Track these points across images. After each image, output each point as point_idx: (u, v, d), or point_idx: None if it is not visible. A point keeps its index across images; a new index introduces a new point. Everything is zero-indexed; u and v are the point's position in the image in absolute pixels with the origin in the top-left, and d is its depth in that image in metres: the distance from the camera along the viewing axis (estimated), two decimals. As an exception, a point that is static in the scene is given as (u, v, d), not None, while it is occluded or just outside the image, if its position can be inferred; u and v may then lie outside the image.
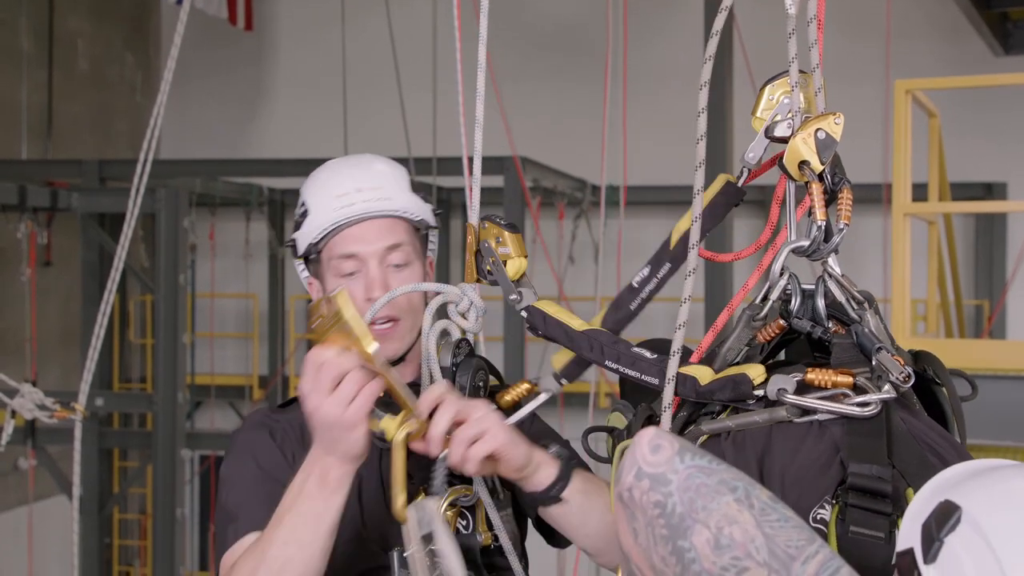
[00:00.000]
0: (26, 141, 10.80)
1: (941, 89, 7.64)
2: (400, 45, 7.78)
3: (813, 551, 1.19)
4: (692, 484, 1.22)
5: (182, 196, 8.27)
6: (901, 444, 1.57)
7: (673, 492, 1.22)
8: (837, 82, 11.97)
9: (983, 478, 1.26)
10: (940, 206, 6.23)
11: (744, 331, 1.76)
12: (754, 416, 1.61)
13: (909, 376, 1.59)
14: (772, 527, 1.19)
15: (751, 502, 1.20)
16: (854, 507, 1.49)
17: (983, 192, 10.94)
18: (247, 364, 12.52)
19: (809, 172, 1.68)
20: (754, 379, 1.63)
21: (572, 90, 11.62)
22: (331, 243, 2.03)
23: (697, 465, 1.23)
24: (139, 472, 10.27)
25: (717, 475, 1.22)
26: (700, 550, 1.19)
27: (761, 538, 1.19)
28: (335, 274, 2.03)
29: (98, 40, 11.99)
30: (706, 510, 1.20)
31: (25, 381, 5.87)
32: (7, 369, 6.16)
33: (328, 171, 2.13)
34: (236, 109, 12.90)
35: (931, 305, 6.85)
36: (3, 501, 10.26)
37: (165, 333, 7.98)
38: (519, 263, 1.87)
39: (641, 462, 1.24)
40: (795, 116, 1.72)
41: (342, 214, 2.02)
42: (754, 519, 1.19)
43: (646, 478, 1.23)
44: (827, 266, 1.73)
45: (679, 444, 1.25)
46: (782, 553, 1.18)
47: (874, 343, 1.63)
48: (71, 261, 10.40)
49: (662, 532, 1.22)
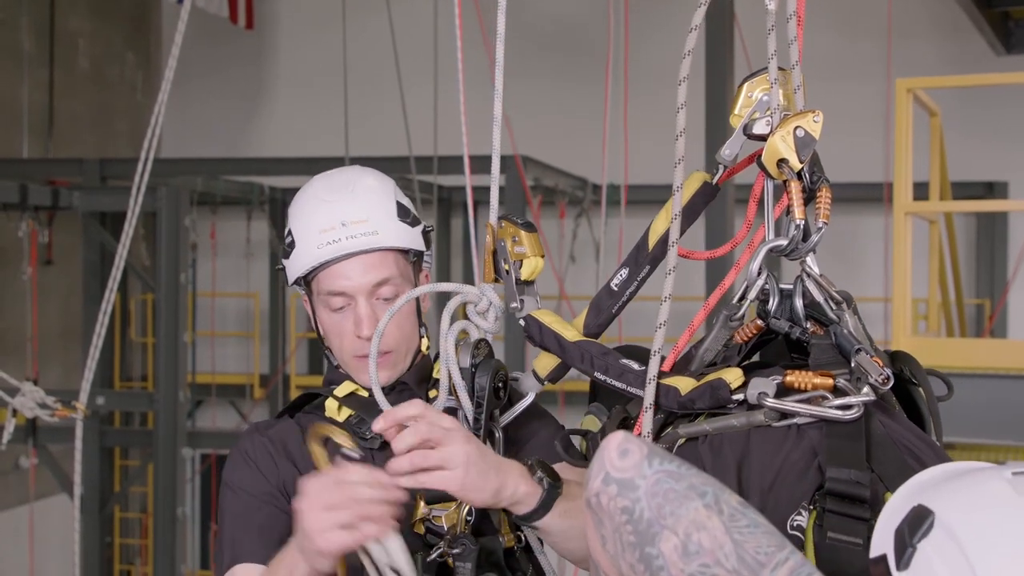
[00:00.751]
0: (27, 140, 10.80)
1: (942, 88, 7.63)
2: (401, 43, 7.77)
3: (783, 557, 1.17)
4: (660, 489, 1.19)
5: (183, 195, 8.27)
6: (880, 448, 1.55)
7: (641, 498, 1.19)
8: (838, 81, 12.05)
9: (957, 481, 1.23)
10: (941, 205, 6.23)
11: (721, 331, 1.75)
12: (731, 420, 1.58)
13: (888, 378, 1.57)
14: (741, 533, 1.17)
15: (720, 507, 1.18)
16: (832, 512, 1.47)
17: (984, 191, 10.93)
18: (248, 363, 12.52)
19: (788, 170, 1.66)
20: (731, 383, 1.60)
21: (573, 89, 11.61)
22: (318, 278, 1.98)
23: (666, 470, 1.20)
24: (140, 471, 10.27)
25: (686, 480, 1.20)
26: (668, 557, 1.17)
27: (730, 544, 1.16)
28: (324, 307, 2.00)
29: (99, 39, 11.99)
30: (674, 516, 1.17)
31: (26, 380, 5.88)
32: (8, 368, 6.16)
33: (312, 199, 2.03)
34: (237, 108, 12.90)
35: (932, 304, 6.85)
36: (4, 500, 10.27)
37: (166, 332, 7.98)
38: (535, 263, 1.84)
39: (608, 467, 1.21)
40: (774, 114, 1.70)
41: (327, 252, 1.96)
42: (723, 525, 1.17)
43: (613, 483, 1.21)
44: (805, 265, 1.70)
45: (648, 448, 1.22)
46: (751, 560, 1.15)
47: (853, 344, 1.61)
48: (72, 260, 10.40)
49: (630, 539, 1.19)
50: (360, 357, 1.98)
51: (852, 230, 11.33)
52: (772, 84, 1.71)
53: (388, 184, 2.07)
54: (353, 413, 1.99)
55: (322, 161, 9.57)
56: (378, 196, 2.02)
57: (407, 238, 2.01)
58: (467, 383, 1.82)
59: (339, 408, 2.01)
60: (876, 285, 10.67)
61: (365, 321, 1.95)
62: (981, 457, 6.39)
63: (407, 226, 2.01)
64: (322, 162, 9.60)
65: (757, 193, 1.76)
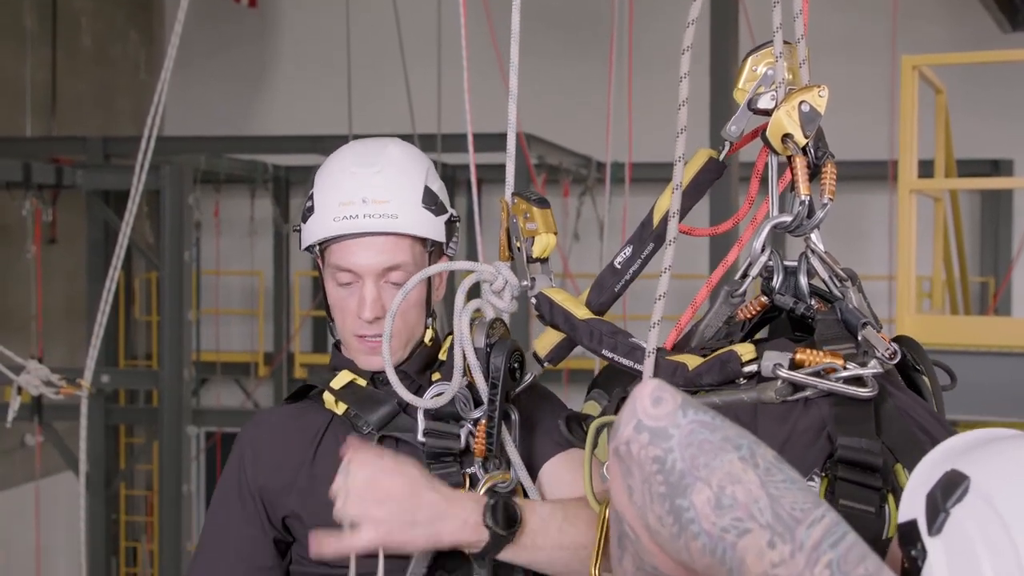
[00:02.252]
0: (30, 118, 10.79)
1: (948, 65, 7.60)
2: (404, 21, 7.74)
3: (819, 515, 1.14)
4: (695, 440, 1.15)
5: (186, 173, 8.26)
6: (888, 419, 1.54)
7: (674, 447, 1.15)
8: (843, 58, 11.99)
9: (991, 447, 1.20)
10: (946, 183, 6.21)
11: (723, 308, 1.73)
12: (741, 394, 1.56)
13: (895, 353, 1.56)
14: (777, 488, 1.13)
15: (756, 461, 1.14)
16: (844, 480, 1.46)
17: (989, 169, 10.90)
18: (252, 341, 12.54)
19: (792, 145, 1.64)
20: (743, 356, 1.58)
21: (577, 67, 11.58)
22: (331, 249, 1.94)
23: (700, 420, 1.17)
24: (145, 448, 10.30)
25: (721, 431, 1.16)
26: (700, 509, 1.14)
27: (765, 499, 1.13)
28: (333, 280, 1.96)
29: (101, 17, 11.96)
30: (708, 467, 1.14)
31: (31, 358, 5.90)
32: (13, 346, 6.18)
33: (340, 167, 1.98)
34: (240, 86, 12.87)
35: (937, 282, 6.83)
36: (10, 477, 10.30)
37: (170, 310, 7.99)
38: (546, 240, 1.79)
39: (641, 414, 1.18)
40: (779, 88, 1.68)
41: (344, 227, 1.91)
42: (759, 479, 1.13)
43: (646, 431, 1.17)
44: (810, 242, 1.68)
45: (682, 398, 1.19)
46: (787, 516, 1.12)
47: (859, 319, 1.59)
48: (76, 238, 10.41)
49: (660, 489, 1.16)
50: (359, 337, 1.95)
51: (857, 208, 11.31)
52: (777, 58, 1.69)
53: (422, 165, 2.01)
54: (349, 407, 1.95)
55: (326, 139, 9.56)
56: (407, 177, 1.96)
57: (428, 227, 1.95)
58: (482, 363, 1.77)
59: (336, 402, 1.97)
60: (881, 263, 10.65)
61: (369, 303, 1.91)
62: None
63: (431, 214, 1.96)
64: (326, 140, 9.58)
65: (760, 169, 1.74)
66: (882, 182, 10.39)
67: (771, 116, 1.66)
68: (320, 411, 1.99)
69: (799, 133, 1.63)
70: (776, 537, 1.11)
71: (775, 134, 1.65)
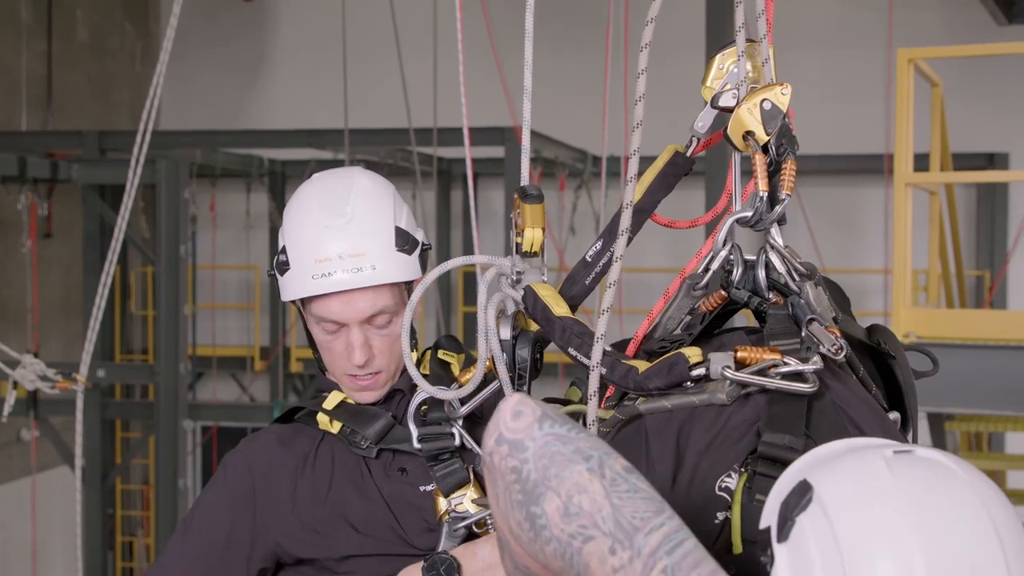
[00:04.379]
0: (26, 112, 10.77)
1: (944, 58, 7.60)
2: (400, 15, 7.73)
3: (658, 523, 1.19)
4: (548, 452, 1.21)
5: (182, 167, 8.25)
6: (821, 414, 1.55)
7: (529, 459, 1.22)
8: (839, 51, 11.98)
9: (843, 458, 1.25)
10: (942, 176, 6.22)
11: (684, 300, 1.75)
12: (691, 397, 1.58)
13: (841, 348, 1.56)
14: (620, 498, 1.19)
15: (603, 472, 1.20)
16: (761, 475, 1.47)
17: (985, 162, 10.91)
18: (248, 335, 12.54)
19: (753, 143, 1.66)
20: (691, 359, 1.58)
21: (574, 60, 11.57)
22: (312, 302, 1.97)
23: (555, 433, 1.23)
24: (141, 443, 10.30)
25: (573, 444, 1.22)
26: (551, 517, 1.20)
27: (608, 508, 1.19)
28: (317, 327, 1.99)
29: (97, 9, 11.94)
30: (558, 478, 1.20)
31: (27, 352, 5.89)
32: (9, 340, 6.17)
33: (310, 219, 1.97)
34: (236, 79, 12.86)
35: (932, 275, 6.84)
36: (6, 472, 10.30)
37: (166, 304, 7.99)
38: (531, 234, 1.78)
39: (502, 427, 1.24)
40: (741, 86, 1.71)
41: (323, 286, 1.93)
42: (604, 489, 1.19)
43: (505, 443, 1.23)
44: (770, 237, 1.70)
45: (541, 411, 1.24)
46: (627, 524, 1.18)
47: (807, 314, 1.61)
48: (72, 232, 10.40)
49: (517, 497, 1.22)
50: (351, 376, 2.00)
51: (852, 201, 11.32)
52: (739, 56, 1.71)
53: (388, 200, 2.01)
54: (344, 425, 2.00)
55: (322, 133, 9.56)
56: (377, 222, 1.97)
57: (404, 270, 1.97)
58: (508, 355, 1.78)
59: (331, 421, 2.01)
60: (876, 256, 10.67)
61: (358, 349, 1.95)
62: (981, 427, 6.42)
63: (405, 255, 1.98)
64: (322, 134, 9.58)
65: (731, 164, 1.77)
66: (878, 175, 10.40)
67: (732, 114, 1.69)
68: (311, 431, 2.03)
69: (760, 130, 1.66)
70: (617, 544, 1.18)
71: (736, 131, 1.68)
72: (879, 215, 10.55)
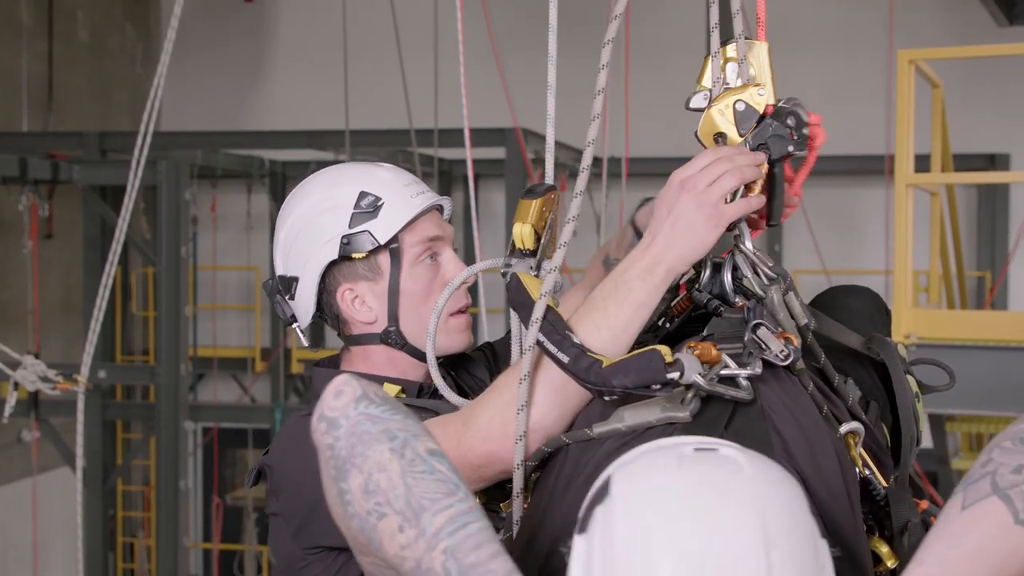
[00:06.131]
0: (27, 113, 10.77)
1: (944, 59, 7.60)
2: (401, 15, 7.73)
3: (446, 504, 1.22)
4: (357, 431, 1.26)
5: (183, 168, 8.25)
6: (744, 417, 1.51)
7: (341, 436, 1.26)
8: (840, 52, 11.94)
9: (647, 455, 1.29)
10: (943, 177, 6.21)
11: None
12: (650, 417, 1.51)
13: (788, 355, 1.54)
14: (415, 478, 1.24)
15: (404, 452, 1.25)
16: None
17: (986, 163, 10.90)
18: (249, 336, 12.53)
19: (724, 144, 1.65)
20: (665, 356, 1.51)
21: (574, 61, 11.54)
22: (414, 227, 2.02)
23: (367, 413, 1.27)
24: (142, 444, 10.30)
25: (383, 424, 1.26)
26: (354, 493, 1.25)
27: (402, 487, 1.23)
28: (411, 260, 2.01)
29: (97, 10, 11.94)
30: (363, 456, 1.25)
31: (28, 353, 5.90)
32: (10, 341, 6.17)
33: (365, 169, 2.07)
34: (237, 80, 12.85)
35: (933, 276, 6.84)
36: (7, 473, 10.30)
37: (167, 305, 7.99)
38: (518, 229, 1.80)
39: (324, 406, 1.29)
40: (714, 86, 1.70)
41: (422, 200, 2.02)
42: (401, 469, 1.24)
43: (324, 421, 1.28)
44: (737, 241, 1.69)
45: (361, 392, 1.29)
46: (416, 503, 1.22)
47: (754, 320, 1.57)
48: (73, 233, 10.40)
49: (332, 473, 1.27)
50: (455, 314, 2.02)
51: (853, 202, 11.31)
52: (712, 56, 1.71)
53: None
54: None
55: (323, 134, 9.55)
56: None
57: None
58: None
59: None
60: (877, 257, 10.65)
61: (461, 264, 2.03)
62: (981, 428, 6.41)
63: None
64: (322, 135, 9.57)
65: None
66: (879, 176, 10.40)
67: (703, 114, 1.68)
68: None
69: (733, 132, 1.64)
70: (405, 522, 1.22)
71: (706, 133, 1.67)
72: (880, 216, 10.54)
